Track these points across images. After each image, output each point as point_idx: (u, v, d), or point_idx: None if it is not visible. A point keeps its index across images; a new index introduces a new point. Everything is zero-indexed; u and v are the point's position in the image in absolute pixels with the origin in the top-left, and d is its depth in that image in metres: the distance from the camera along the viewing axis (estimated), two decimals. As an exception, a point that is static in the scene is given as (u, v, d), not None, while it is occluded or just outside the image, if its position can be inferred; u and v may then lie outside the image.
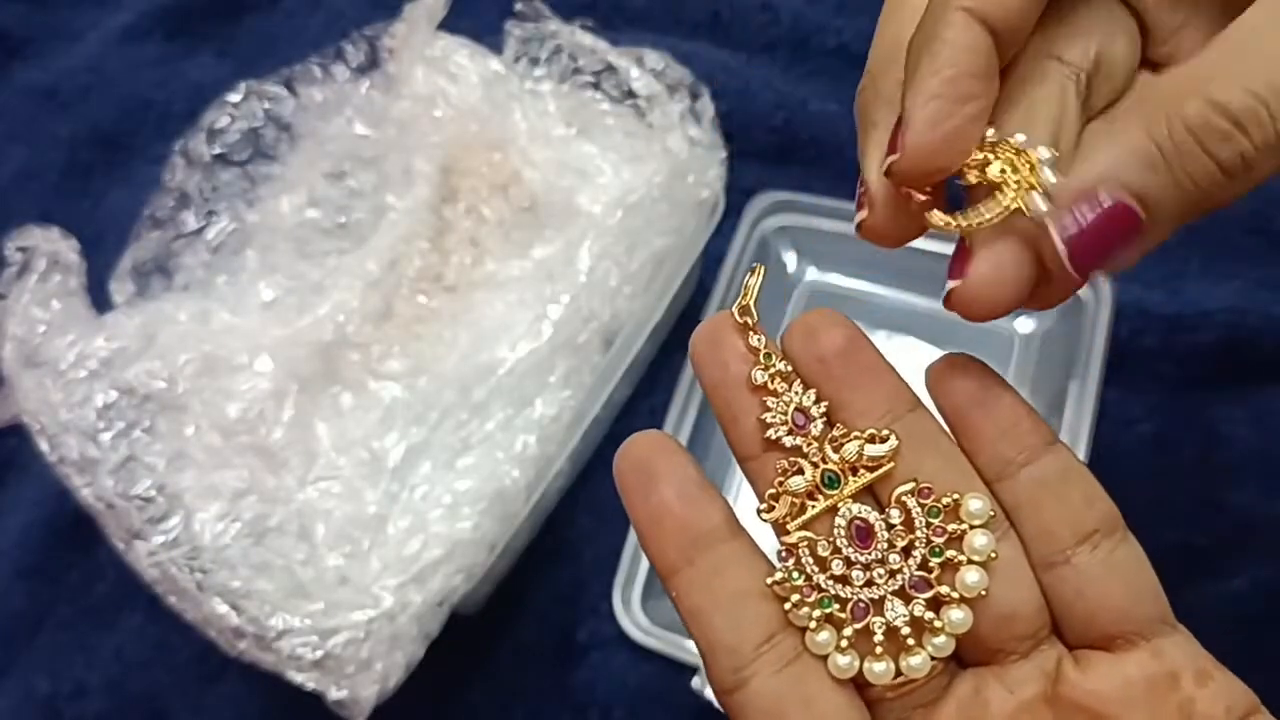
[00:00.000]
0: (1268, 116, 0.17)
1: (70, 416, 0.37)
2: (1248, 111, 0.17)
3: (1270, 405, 0.43)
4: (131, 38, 0.57)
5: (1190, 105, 0.17)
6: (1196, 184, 0.17)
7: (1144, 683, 0.19)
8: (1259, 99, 0.17)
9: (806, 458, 0.20)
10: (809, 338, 0.21)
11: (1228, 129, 0.17)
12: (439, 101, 0.44)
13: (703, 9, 0.54)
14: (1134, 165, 0.17)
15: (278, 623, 0.34)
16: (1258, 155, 0.17)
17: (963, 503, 0.19)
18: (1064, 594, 0.19)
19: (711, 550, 0.20)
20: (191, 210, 0.44)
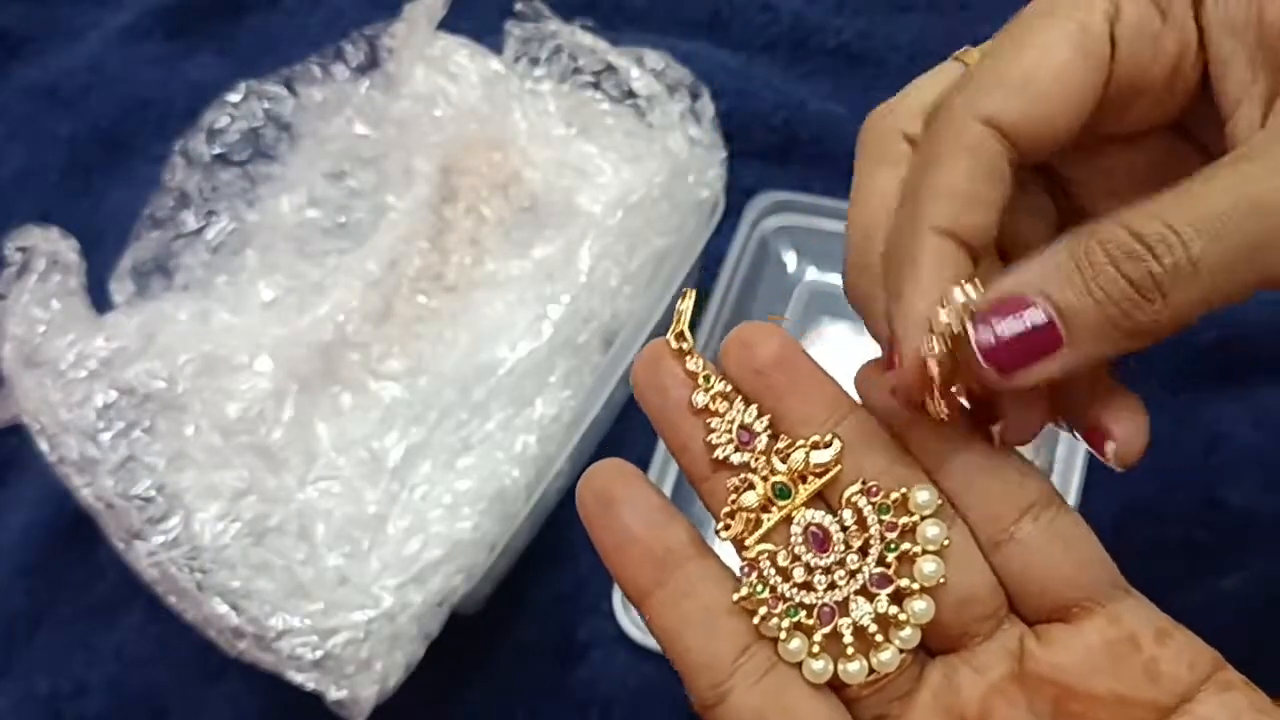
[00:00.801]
0: (1178, 242, 0.17)
1: (70, 416, 0.37)
2: (1157, 235, 0.18)
3: (1270, 404, 0.43)
4: (131, 37, 0.57)
5: (1105, 230, 0.18)
6: (1109, 297, 0.18)
7: (1104, 648, 0.19)
8: (1171, 229, 0.18)
9: (756, 472, 0.20)
10: (744, 351, 0.21)
11: (1139, 250, 0.18)
12: (439, 101, 0.44)
13: (703, 9, 0.54)
14: (1051, 276, 0.18)
15: (277, 623, 0.35)
16: (1167, 278, 0.18)
17: (910, 496, 0.20)
18: (1013, 570, 0.20)
19: (679, 570, 0.20)
20: (191, 210, 0.44)
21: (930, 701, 0.20)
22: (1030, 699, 0.20)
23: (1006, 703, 0.20)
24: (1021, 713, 0.20)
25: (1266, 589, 0.40)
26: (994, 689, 0.20)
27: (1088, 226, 0.18)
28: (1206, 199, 0.18)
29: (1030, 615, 0.20)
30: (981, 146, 0.19)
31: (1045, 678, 0.20)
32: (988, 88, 0.20)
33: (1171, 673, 0.19)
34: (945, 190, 0.19)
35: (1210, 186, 0.18)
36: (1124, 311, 0.18)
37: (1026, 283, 0.19)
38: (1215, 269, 0.18)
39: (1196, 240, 0.17)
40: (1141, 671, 0.19)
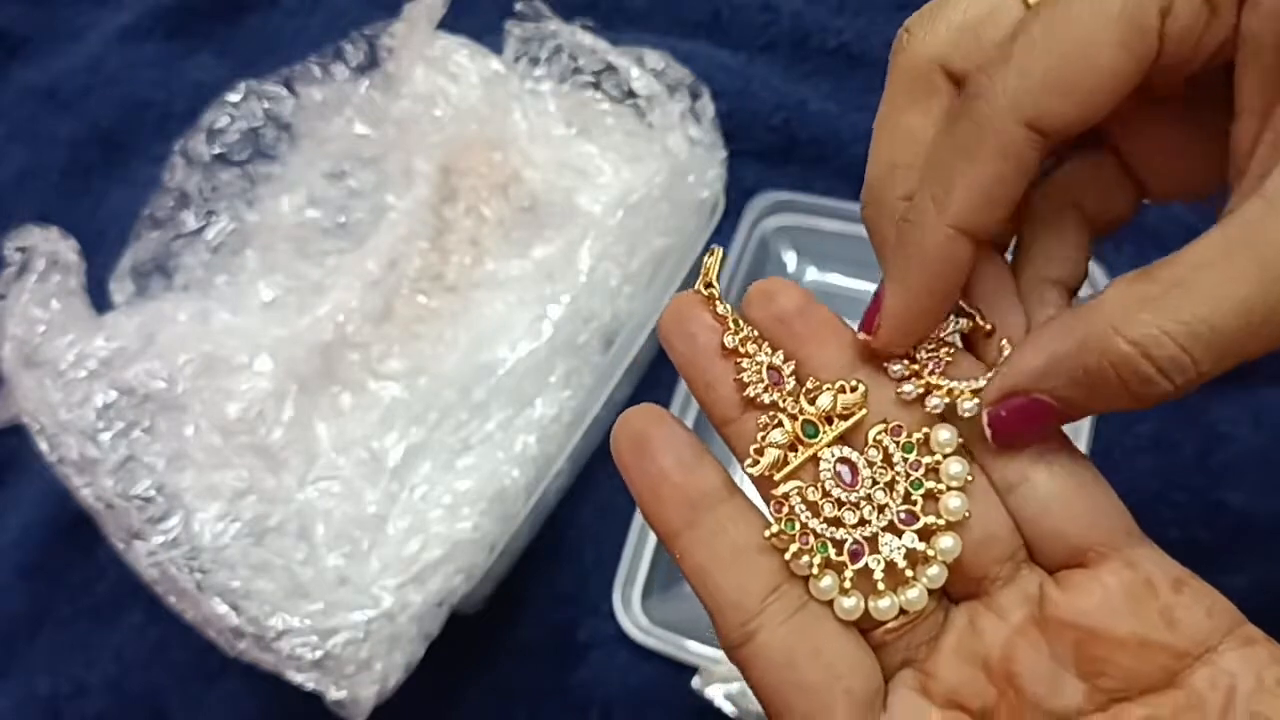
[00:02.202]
0: (1190, 364, 0.18)
1: (70, 416, 0.37)
2: (1172, 362, 0.18)
3: (1270, 405, 0.43)
4: (131, 37, 0.57)
5: (1119, 347, 0.18)
6: (1113, 403, 0.19)
7: (1122, 592, 0.20)
8: (1183, 347, 0.18)
9: (784, 411, 0.21)
10: (767, 301, 0.22)
11: (1152, 374, 0.18)
12: (439, 101, 0.44)
13: (703, 9, 0.54)
14: (1060, 378, 0.19)
15: (277, 623, 0.35)
16: (1175, 390, 0.18)
17: (932, 434, 0.21)
18: (1030, 512, 0.20)
19: (711, 511, 0.21)
20: (191, 210, 0.44)
21: (955, 645, 0.21)
22: (1053, 643, 0.20)
23: (1029, 646, 0.20)
24: (1044, 657, 0.20)
25: (1267, 590, 0.40)
26: (1017, 633, 0.20)
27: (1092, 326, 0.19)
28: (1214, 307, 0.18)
29: (1047, 562, 0.21)
30: (1019, 150, 0.19)
31: (1066, 621, 0.20)
32: (1036, 90, 0.19)
33: (1189, 619, 0.19)
34: (973, 190, 0.20)
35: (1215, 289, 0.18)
36: (1126, 408, 0.19)
37: (1034, 380, 0.19)
38: (1219, 371, 0.18)
39: (1205, 360, 0.18)
40: (1159, 616, 0.19)
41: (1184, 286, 0.18)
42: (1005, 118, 0.19)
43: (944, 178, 0.20)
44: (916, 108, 0.21)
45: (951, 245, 0.20)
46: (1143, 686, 0.19)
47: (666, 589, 0.42)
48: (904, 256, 0.20)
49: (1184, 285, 0.18)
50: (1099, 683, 0.20)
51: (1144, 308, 0.18)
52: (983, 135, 0.19)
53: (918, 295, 0.20)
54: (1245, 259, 0.17)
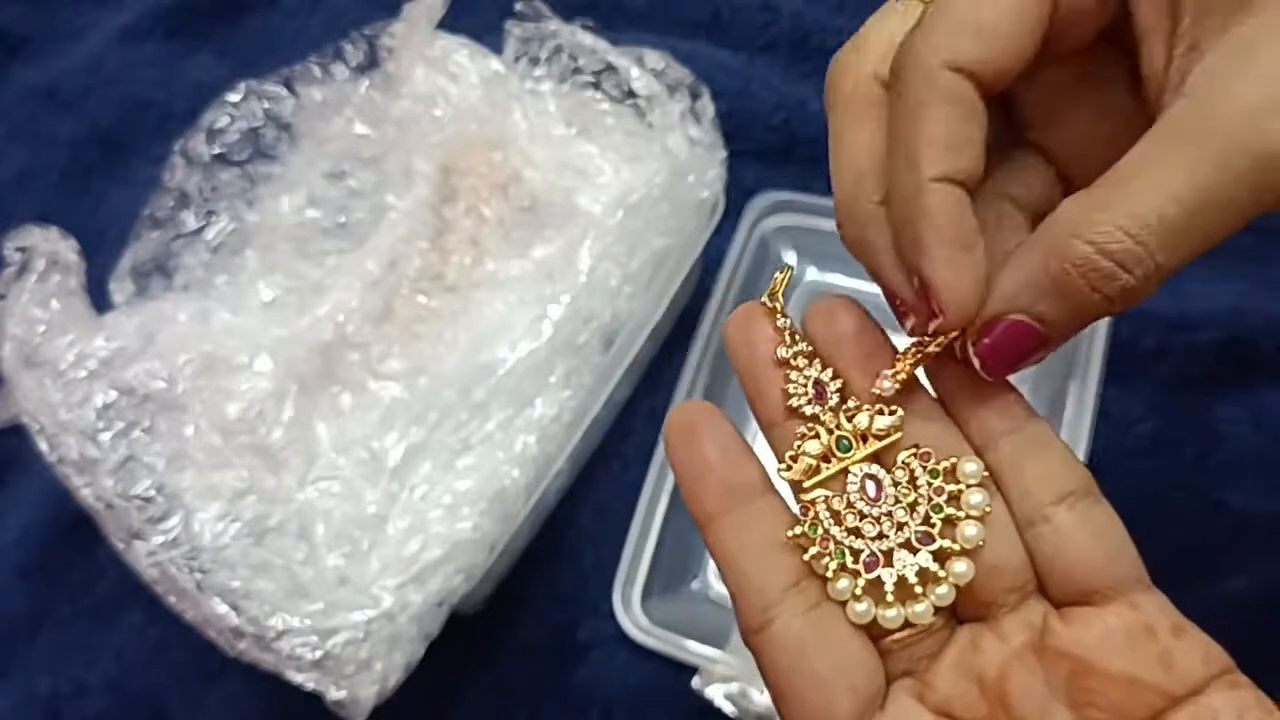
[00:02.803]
0: (1146, 254, 0.19)
1: (70, 416, 0.37)
2: (1128, 254, 0.19)
3: (1270, 405, 0.43)
4: (131, 37, 0.57)
5: (1077, 248, 0.20)
6: (1085, 309, 0.20)
7: (1123, 632, 0.20)
8: (1137, 238, 0.19)
9: (823, 425, 0.22)
10: (827, 319, 0.23)
11: (1111, 269, 0.19)
12: (439, 101, 0.44)
13: (703, 9, 0.54)
14: (1031, 294, 0.20)
15: (277, 623, 0.35)
16: (1139, 284, 0.20)
17: (959, 465, 0.21)
18: (1044, 551, 0.21)
19: (746, 503, 0.22)
20: (191, 210, 0.44)
21: (954, 661, 0.21)
22: (1048, 670, 0.21)
23: (1024, 670, 0.21)
24: (1038, 681, 0.21)
25: (1267, 591, 0.40)
26: (1014, 656, 0.21)
27: (1054, 237, 0.20)
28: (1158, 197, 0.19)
29: (1055, 597, 0.21)
30: (956, 92, 0.21)
31: (1064, 652, 0.21)
32: (950, 34, 0.21)
33: (1185, 664, 0.20)
34: (934, 139, 0.21)
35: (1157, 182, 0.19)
36: (1100, 311, 0.20)
37: (1008, 301, 0.21)
38: (1176, 263, 0.19)
39: (1160, 251, 0.19)
40: (1156, 658, 0.20)
41: (1128, 185, 0.19)
42: (934, 65, 0.21)
43: (905, 139, 0.21)
44: (864, 120, 0.22)
45: (945, 195, 0.21)
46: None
47: (666, 589, 0.42)
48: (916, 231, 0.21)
49: (1128, 184, 0.19)
50: (1086, 713, 0.20)
51: (1095, 210, 0.19)
52: (920, 86, 0.21)
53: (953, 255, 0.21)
54: (1178, 152, 0.19)
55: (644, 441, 0.45)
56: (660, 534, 0.42)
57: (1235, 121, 0.19)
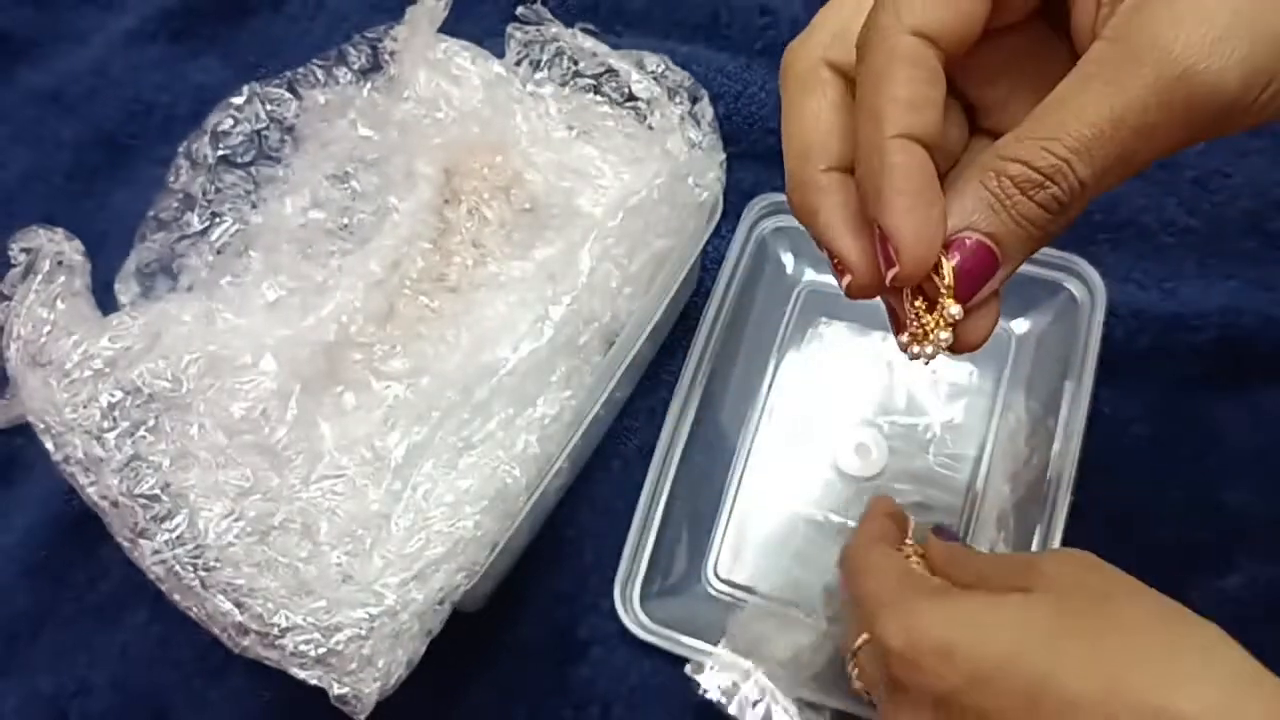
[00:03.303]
0: (1067, 169, 0.22)
1: (75, 416, 0.37)
2: (1052, 169, 0.22)
3: (1265, 404, 0.44)
4: (135, 40, 0.57)
5: (1011, 167, 0.22)
6: (1028, 219, 0.22)
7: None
8: (1058, 155, 0.22)
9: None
10: None
11: (1041, 179, 0.22)
12: (441, 104, 0.44)
13: (702, 13, 0.55)
14: (980, 211, 0.23)
15: (281, 620, 0.35)
16: (1069, 197, 0.22)
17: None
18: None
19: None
20: (195, 212, 0.44)
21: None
22: None
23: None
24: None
25: (1264, 589, 0.41)
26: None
27: (992, 159, 0.22)
28: (1078, 122, 0.21)
29: None
30: (916, 54, 0.23)
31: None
32: (910, 2, 0.23)
33: None
34: (894, 99, 0.23)
35: (1077, 109, 0.22)
36: (1040, 226, 0.22)
37: (962, 218, 0.23)
38: (1099, 179, 0.22)
39: (1079, 165, 0.21)
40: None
41: (1050, 113, 0.22)
42: (895, 32, 0.23)
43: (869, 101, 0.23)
44: (811, 97, 0.25)
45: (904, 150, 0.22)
46: None
47: (666, 587, 0.43)
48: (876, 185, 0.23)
49: (1050, 113, 0.22)
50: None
51: (1023, 134, 0.22)
52: (882, 52, 0.23)
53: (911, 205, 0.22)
54: (1095, 83, 0.22)
55: (644, 440, 0.46)
56: (660, 532, 0.42)
57: (1152, 55, 0.21)
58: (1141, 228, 0.48)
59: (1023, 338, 0.45)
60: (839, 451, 0.44)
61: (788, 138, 0.25)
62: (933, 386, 0.45)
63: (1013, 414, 0.43)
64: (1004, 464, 0.42)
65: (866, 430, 0.44)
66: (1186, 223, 0.47)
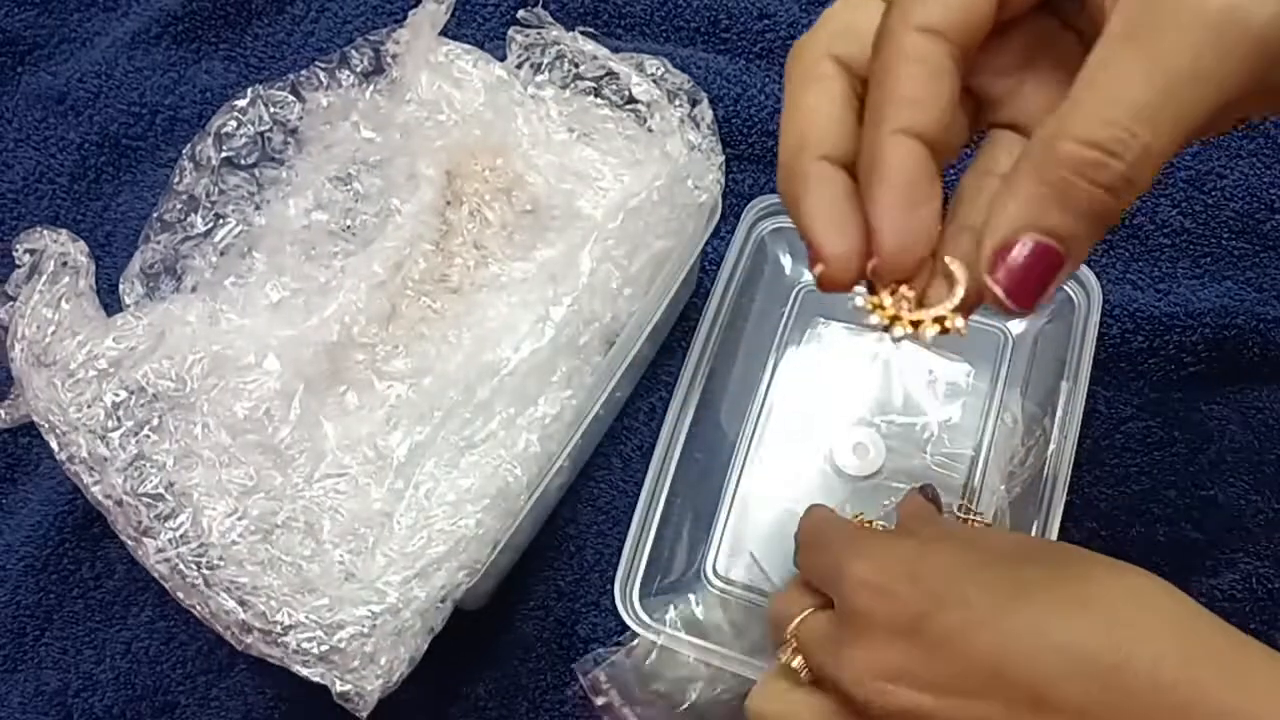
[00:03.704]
0: (1130, 136, 0.20)
1: (80, 415, 0.37)
2: (1113, 139, 0.20)
3: (1258, 403, 0.44)
4: (140, 43, 0.57)
5: (1064, 146, 0.20)
6: (1091, 207, 0.21)
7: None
8: (1118, 124, 0.20)
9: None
10: None
11: (1101, 158, 0.20)
12: (443, 107, 0.45)
13: (701, 17, 0.55)
14: (1036, 209, 0.21)
15: (284, 617, 0.35)
16: (1132, 170, 0.20)
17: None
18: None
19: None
20: (200, 213, 0.44)
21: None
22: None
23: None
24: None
25: (1257, 587, 0.41)
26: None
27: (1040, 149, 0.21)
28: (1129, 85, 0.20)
29: None
30: (924, 52, 0.22)
31: None
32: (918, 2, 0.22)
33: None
34: (897, 97, 0.22)
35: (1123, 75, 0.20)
36: (1106, 209, 0.21)
37: (1013, 222, 0.21)
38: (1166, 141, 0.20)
39: (1144, 130, 0.20)
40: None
41: (1096, 83, 0.21)
42: (904, 31, 0.22)
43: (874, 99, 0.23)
44: (812, 90, 0.24)
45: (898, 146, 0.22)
46: None
47: (666, 585, 0.43)
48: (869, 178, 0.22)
49: (1096, 82, 0.21)
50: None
51: (1070, 112, 0.21)
52: (891, 51, 0.22)
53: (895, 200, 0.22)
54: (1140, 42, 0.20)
55: (644, 439, 0.46)
56: (660, 530, 0.42)
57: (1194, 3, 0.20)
58: (1137, 229, 0.48)
59: (1019, 338, 0.46)
60: (837, 450, 0.45)
61: (784, 129, 0.25)
62: (929, 386, 0.45)
63: (1009, 413, 0.44)
64: (1000, 463, 0.43)
65: (864, 429, 0.45)
66: (1181, 224, 0.48)
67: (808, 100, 0.25)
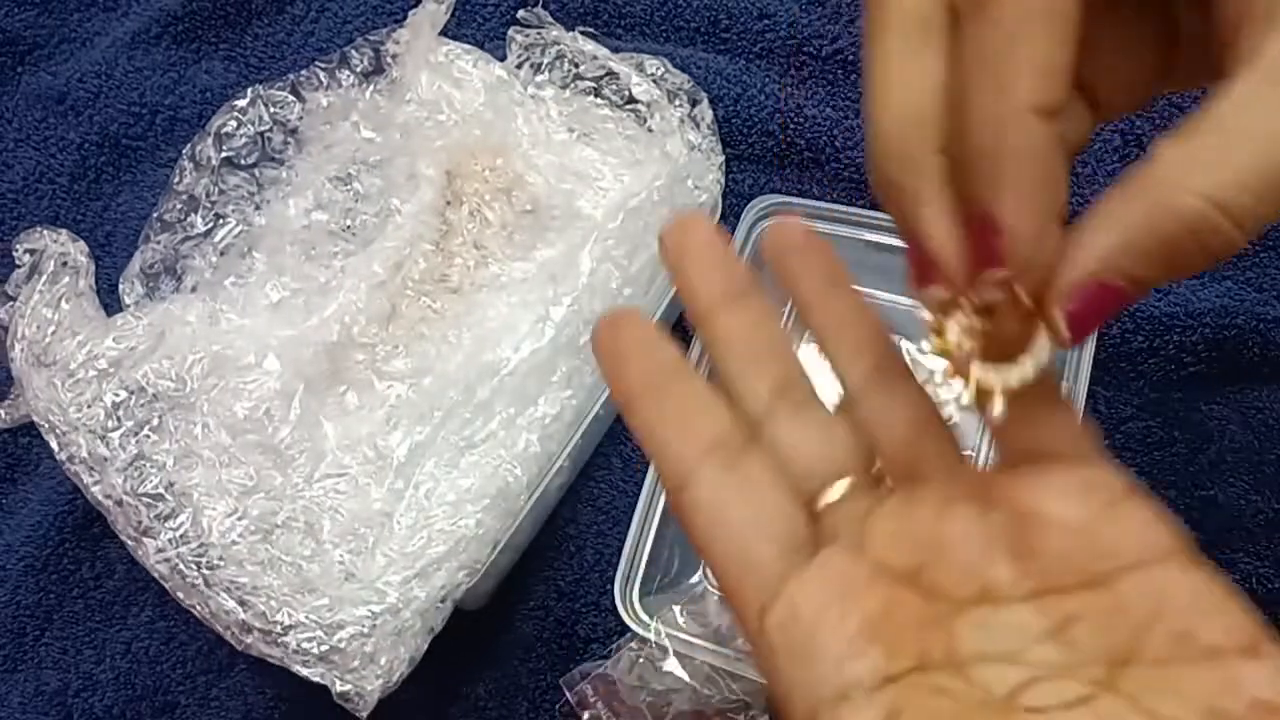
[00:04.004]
0: (1256, 205, 0.18)
1: (80, 415, 0.37)
2: (1241, 208, 0.18)
3: (1258, 403, 0.44)
4: (140, 43, 0.57)
5: (1186, 201, 0.18)
6: (1183, 268, 0.18)
7: (1074, 485, 0.20)
8: (1250, 189, 0.17)
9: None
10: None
11: (1222, 224, 0.18)
12: (443, 106, 0.45)
13: (701, 17, 0.55)
14: (1132, 254, 0.18)
15: (284, 617, 0.35)
16: (1244, 240, 0.18)
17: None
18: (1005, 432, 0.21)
19: (665, 382, 0.23)
20: (199, 213, 0.44)
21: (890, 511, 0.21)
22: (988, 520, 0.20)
23: (963, 515, 0.20)
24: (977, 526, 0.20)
25: (1257, 587, 0.41)
26: (954, 502, 0.21)
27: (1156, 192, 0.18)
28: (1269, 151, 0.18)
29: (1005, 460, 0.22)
30: (1060, 7, 0.18)
31: (1007, 499, 0.20)
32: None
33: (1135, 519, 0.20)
34: (1033, 63, 0.18)
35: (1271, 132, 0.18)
36: (1189, 272, 0.19)
37: (1107, 263, 0.18)
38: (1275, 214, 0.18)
39: (1273, 199, 0.18)
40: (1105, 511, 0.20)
41: (1231, 135, 0.18)
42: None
43: (994, 62, 0.18)
44: (924, 47, 0.20)
45: (1034, 129, 0.18)
46: (1071, 581, 0.19)
47: (666, 584, 0.43)
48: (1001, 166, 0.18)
49: (1239, 130, 0.18)
50: (1028, 564, 0.19)
51: (1207, 162, 0.18)
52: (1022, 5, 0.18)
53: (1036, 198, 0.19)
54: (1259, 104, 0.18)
55: (644, 440, 0.46)
56: (660, 530, 0.42)
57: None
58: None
59: (1019, 338, 0.46)
60: (837, 451, 0.44)
61: (883, 97, 0.20)
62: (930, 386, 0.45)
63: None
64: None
65: (864, 430, 0.45)
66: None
67: (918, 63, 0.20)
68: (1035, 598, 0.19)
